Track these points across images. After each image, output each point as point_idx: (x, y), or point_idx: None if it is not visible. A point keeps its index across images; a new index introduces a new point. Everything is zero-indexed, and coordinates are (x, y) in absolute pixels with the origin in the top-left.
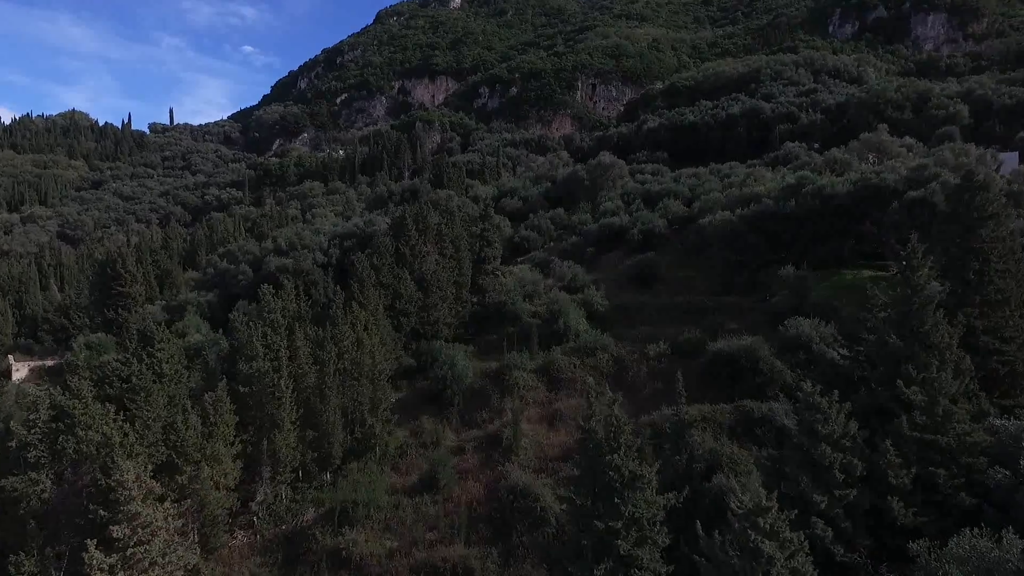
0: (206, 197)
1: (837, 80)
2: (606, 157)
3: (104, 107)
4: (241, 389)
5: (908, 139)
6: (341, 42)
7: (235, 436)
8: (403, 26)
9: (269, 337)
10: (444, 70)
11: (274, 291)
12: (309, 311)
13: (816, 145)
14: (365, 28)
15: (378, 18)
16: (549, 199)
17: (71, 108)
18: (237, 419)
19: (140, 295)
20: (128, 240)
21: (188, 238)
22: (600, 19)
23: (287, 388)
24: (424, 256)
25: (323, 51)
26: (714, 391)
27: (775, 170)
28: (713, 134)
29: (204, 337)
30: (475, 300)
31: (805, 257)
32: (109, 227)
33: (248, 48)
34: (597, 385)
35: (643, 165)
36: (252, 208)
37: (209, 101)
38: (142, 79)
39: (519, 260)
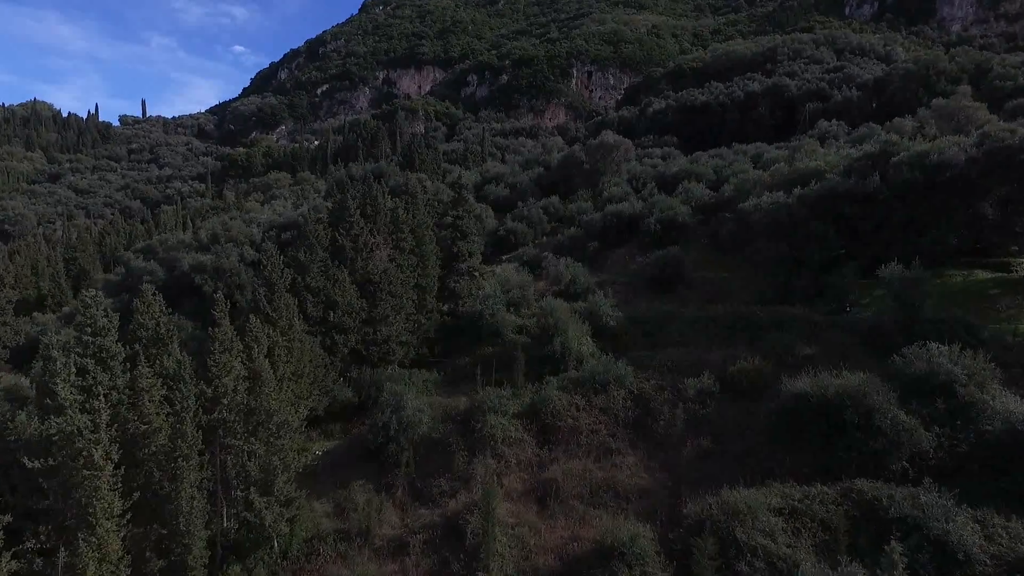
0: (168, 191)
1: (864, 59)
2: (609, 136)
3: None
4: (29, 463)
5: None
6: (324, 32)
7: (4, 546)
8: (389, 15)
9: (93, 375)
10: (431, 60)
11: (100, 297)
12: (176, 331)
13: (848, 129)
14: (350, 18)
15: (363, 7)
16: (541, 186)
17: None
18: (9, 519)
19: (7, 300)
20: (62, 235)
21: (128, 233)
22: (596, 6)
23: (106, 461)
24: (372, 251)
25: (305, 42)
26: (796, 456)
27: (825, 144)
28: (730, 115)
29: None
30: (444, 310)
31: (892, 251)
32: (54, 222)
33: (239, 48)
34: (612, 439)
35: (651, 149)
36: (208, 200)
37: (200, 102)
38: (132, 79)
39: (504, 258)
